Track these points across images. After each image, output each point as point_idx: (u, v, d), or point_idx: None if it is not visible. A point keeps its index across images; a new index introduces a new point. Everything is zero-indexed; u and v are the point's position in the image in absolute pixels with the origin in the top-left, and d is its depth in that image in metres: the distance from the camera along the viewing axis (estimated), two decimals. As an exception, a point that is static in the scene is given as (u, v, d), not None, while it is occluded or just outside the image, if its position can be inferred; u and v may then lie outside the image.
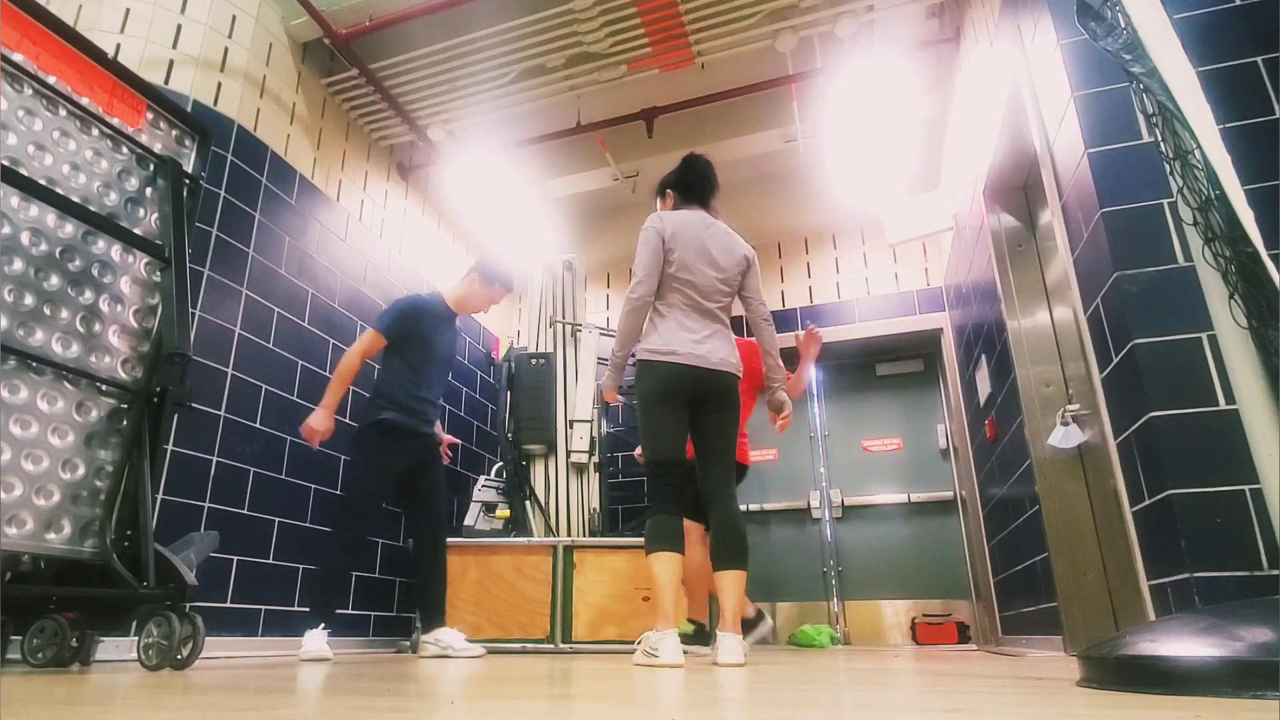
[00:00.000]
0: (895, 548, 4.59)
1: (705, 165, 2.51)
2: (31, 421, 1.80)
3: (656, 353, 2.25)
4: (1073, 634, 2.44)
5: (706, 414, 2.30)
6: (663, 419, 2.23)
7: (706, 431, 2.31)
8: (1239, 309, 1.27)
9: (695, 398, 2.27)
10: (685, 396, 2.25)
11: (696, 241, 2.33)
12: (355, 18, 3.26)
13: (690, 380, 2.24)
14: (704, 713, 0.88)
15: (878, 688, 1.25)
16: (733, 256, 2.38)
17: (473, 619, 3.21)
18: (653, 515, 2.19)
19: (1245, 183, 1.30)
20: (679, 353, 2.23)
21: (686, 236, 2.33)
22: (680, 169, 2.51)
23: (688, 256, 2.31)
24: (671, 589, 2.08)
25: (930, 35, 3.43)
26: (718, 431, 2.30)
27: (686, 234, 2.33)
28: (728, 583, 2.13)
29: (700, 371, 2.24)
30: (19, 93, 1.89)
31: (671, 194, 2.50)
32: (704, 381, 2.25)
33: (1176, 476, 1.56)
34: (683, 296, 2.30)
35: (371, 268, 3.82)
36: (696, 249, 2.32)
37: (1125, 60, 1.41)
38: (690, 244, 2.32)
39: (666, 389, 2.23)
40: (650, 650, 2.02)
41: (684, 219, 2.36)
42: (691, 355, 2.24)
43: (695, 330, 2.28)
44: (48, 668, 1.87)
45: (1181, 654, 1.02)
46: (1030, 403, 2.77)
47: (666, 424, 2.23)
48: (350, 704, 0.99)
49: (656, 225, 2.34)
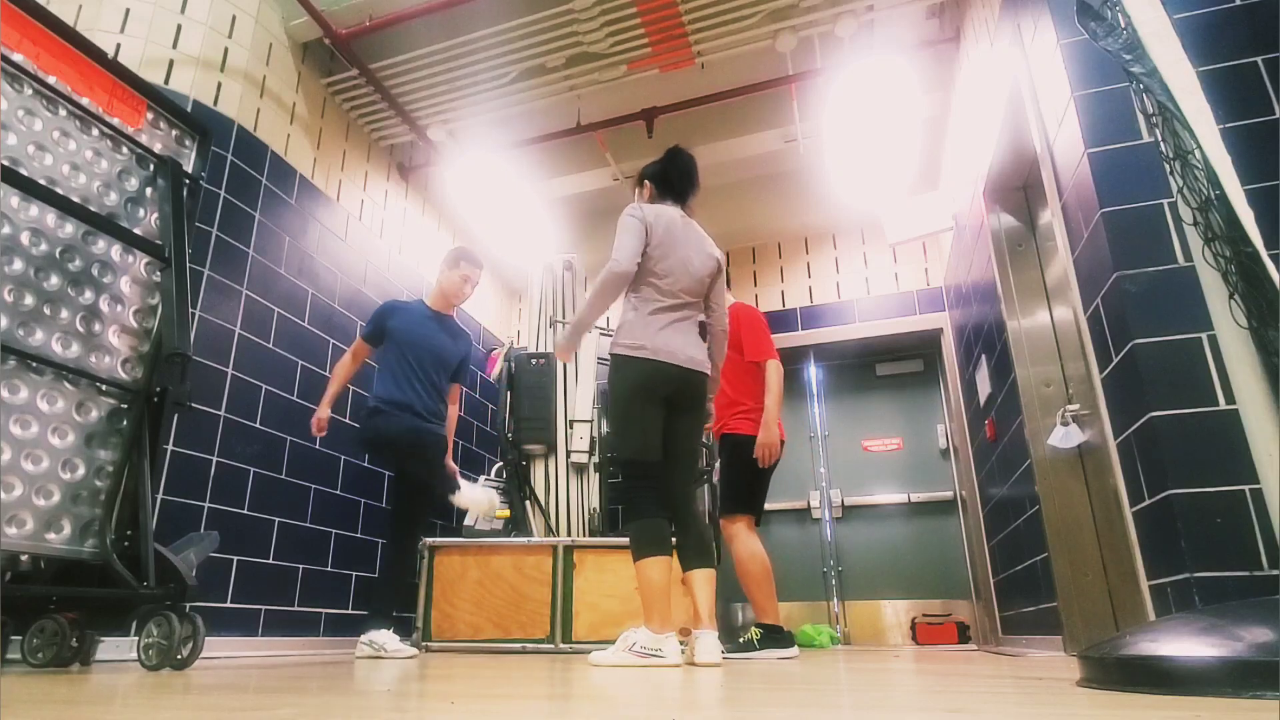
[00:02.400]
0: (895, 548, 4.59)
1: (688, 161, 2.45)
2: (31, 421, 1.80)
3: (639, 349, 2.19)
4: (1073, 634, 2.44)
5: (679, 414, 2.26)
6: (644, 417, 2.19)
7: (677, 433, 2.27)
8: (1239, 309, 1.27)
9: (670, 397, 2.23)
10: (663, 395, 2.21)
11: (676, 238, 2.29)
12: (355, 18, 3.26)
13: (668, 379, 2.20)
14: (704, 713, 0.88)
15: (878, 688, 1.25)
16: (708, 259, 2.35)
17: (473, 619, 3.20)
18: (636, 519, 2.14)
19: (1245, 183, 1.30)
20: (660, 350, 2.19)
21: (667, 231, 2.28)
22: (663, 162, 2.45)
23: (668, 252, 2.26)
24: (667, 593, 2.07)
25: (930, 35, 3.43)
26: (687, 432, 2.28)
27: (668, 229, 2.28)
28: (700, 582, 2.15)
29: (680, 370, 2.21)
30: (19, 93, 1.89)
31: (650, 186, 2.44)
32: (680, 381, 2.22)
33: (1176, 476, 1.56)
34: (660, 292, 2.25)
35: (371, 268, 3.82)
36: (676, 246, 2.28)
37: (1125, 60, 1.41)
38: (671, 240, 2.27)
39: (648, 386, 2.19)
40: (649, 650, 1.99)
41: (665, 213, 2.32)
42: (671, 354, 2.20)
43: (674, 328, 2.25)
44: (48, 668, 1.87)
45: (1181, 654, 1.02)
46: (1030, 403, 2.77)
47: (647, 423, 2.19)
48: (350, 704, 0.99)
49: (638, 214, 2.27)
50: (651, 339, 2.20)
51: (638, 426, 2.18)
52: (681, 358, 2.21)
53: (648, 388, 2.19)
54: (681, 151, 2.47)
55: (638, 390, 2.19)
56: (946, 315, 4.57)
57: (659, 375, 2.19)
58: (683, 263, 2.28)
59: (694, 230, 2.37)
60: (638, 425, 2.18)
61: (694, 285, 2.30)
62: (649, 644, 1.99)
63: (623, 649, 2.02)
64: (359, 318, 3.64)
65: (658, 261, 2.25)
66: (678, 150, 2.47)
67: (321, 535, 3.22)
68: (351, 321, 3.59)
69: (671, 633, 2.01)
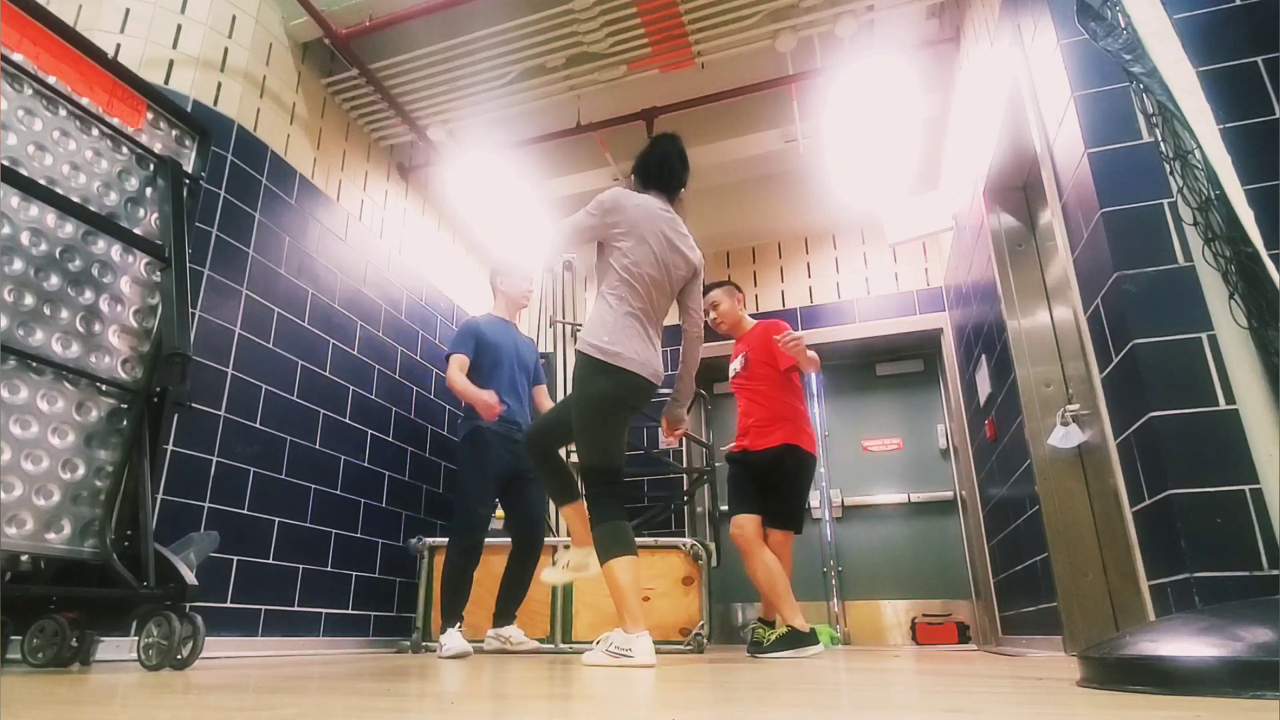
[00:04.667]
0: (895, 548, 4.59)
1: (665, 149, 2.32)
2: (31, 421, 1.80)
3: (615, 357, 2.13)
4: (1073, 634, 2.44)
5: None
6: (615, 426, 2.17)
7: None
8: (1239, 309, 1.27)
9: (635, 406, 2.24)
10: (631, 405, 2.22)
11: (649, 229, 2.19)
12: (355, 18, 3.26)
13: (638, 390, 2.19)
14: (704, 712, 0.88)
15: (878, 688, 1.25)
16: (685, 260, 2.28)
17: (473, 619, 3.19)
18: (604, 521, 2.12)
19: (1245, 183, 1.30)
20: (634, 361, 2.15)
21: (642, 219, 2.18)
22: (644, 149, 2.35)
23: (645, 249, 2.18)
24: (637, 591, 2.06)
25: (930, 35, 3.43)
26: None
27: (642, 217, 2.19)
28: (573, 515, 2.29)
29: (649, 385, 2.21)
30: (19, 93, 1.89)
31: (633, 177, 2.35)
32: (646, 393, 2.23)
33: (1176, 476, 1.56)
34: (637, 297, 2.19)
35: (371, 268, 3.82)
36: (654, 241, 2.19)
37: (1125, 60, 1.41)
38: (649, 234, 2.18)
39: (623, 397, 2.17)
40: (621, 650, 1.98)
41: (645, 203, 2.22)
42: (643, 364, 2.17)
43: (650, 339, 2.22)
44: (48, 668, 1.87)
45: (1181, 654, 1.02)
46: (1030, 403, 2.77)
47: (617, 431, 2.19)
48: (350, 704, 0.99)
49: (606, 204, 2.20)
50: (627, 345, 2.15)
51: (607, 435, 2.17)
52: (649, 371, 2.20)
53: (621, 399, 2.17)
54: (662, 138, 2.35)
55: (611, 399, 2.16)
56: (946, 315, 4.57)
57: (631, 387, 2.16)
58: (661, 263, 2.21)
59: (676, 227, 2.27)
60: (607, 433, 2.17)
61: (669, 289, 2.26)
62: (622, 644, 1.99)
63: (601, 650, 2.03)
64: (359, 318, 3.64)
65: (635, 261, 2.17)
66: (659, 137, 2.36)
67: (321, 535, 3.22)
68: (352, 321, 3.59)
69: (643, 632, 2.00)
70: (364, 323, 3.68)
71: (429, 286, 4.37)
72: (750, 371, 3.06)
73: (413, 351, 4.10)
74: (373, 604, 3.53)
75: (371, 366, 3.72)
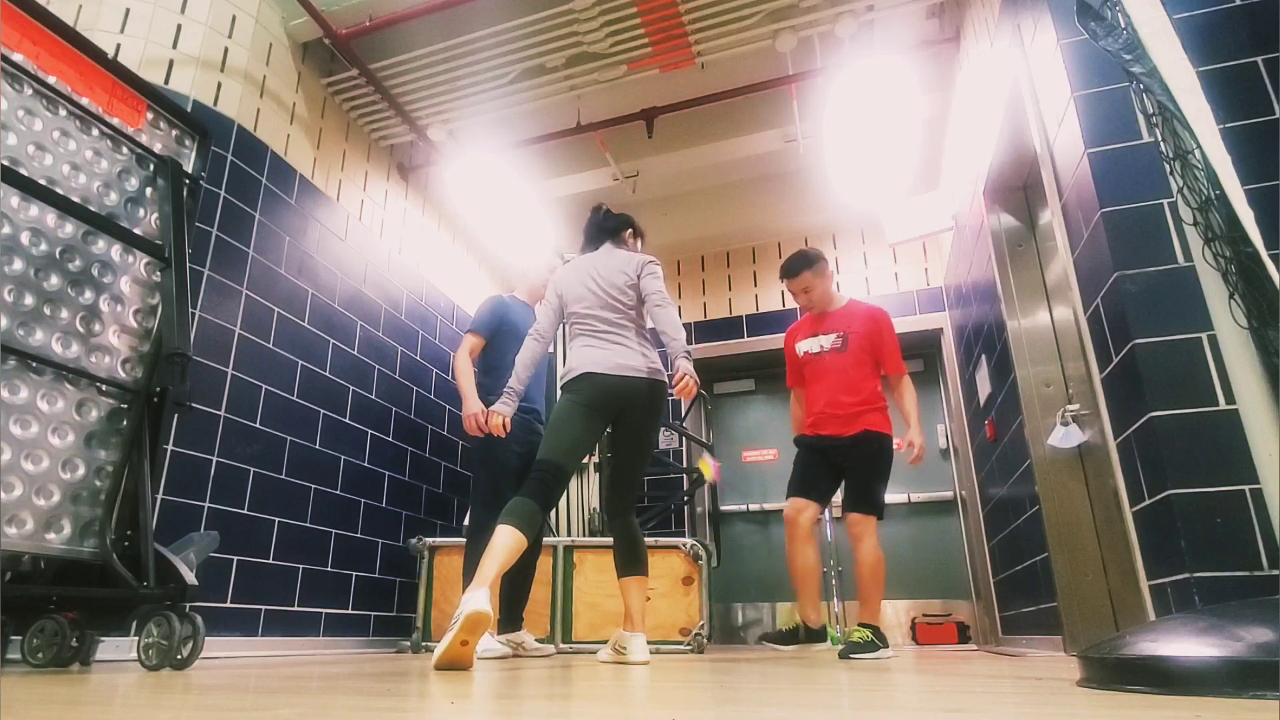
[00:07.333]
0: (895, 548, 4.58)
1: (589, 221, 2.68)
2: (31, 421, 1.80)
3: (569, 373, 2.41)
4: (1073, 634, 2.44)
5: (621, 423, 2.40)
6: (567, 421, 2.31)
7: (619, 439, 2.43)
8: (1239, 309, 1.27)
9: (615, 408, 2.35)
10: (598, 405, 2.32)
11: (584, 274, 2.50)
12: (355, 18, 3.26)
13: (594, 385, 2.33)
14: (704, 712, 0.88)
15: (878, 687, 1.25)
16: (623, 272, 2.47)
17: (473, 619, 3.20)
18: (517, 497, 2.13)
19: (1245, 183, 1.30)
20: (589, 362, 2.36)
21: (575, 276, 2.52)
22: None
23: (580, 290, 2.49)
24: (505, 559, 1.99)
25: (930, 35, 3.43)
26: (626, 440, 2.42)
27: (574, 274, 2.53)
28: (633, 588, 2.36)
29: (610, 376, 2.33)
30: (19, 93, 1.89)
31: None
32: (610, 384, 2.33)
33: (1176, 476, 1.56)
34: (584, 325, 2.46)
35: (371, 268, 3.82)
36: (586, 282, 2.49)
37: (1125, 60, 1.41)
38: (580, 281, 2.50)
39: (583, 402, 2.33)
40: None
41: (577, 262, 2.58)
42: (600, 364, 2.35)
43: (604, 342, 2.41)
44: (48, 668, 1.87)
45: (1181, 654, 1.02)
46: (1030, 403, 2.77)
47: (567, 426, 2.30)
48: (350, 704, 0.99)
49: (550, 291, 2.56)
50: (575, 357, 2.41)
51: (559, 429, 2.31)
52: (608, 365, 2.35)
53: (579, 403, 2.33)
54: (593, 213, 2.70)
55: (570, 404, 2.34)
56: (946, 315, 4.57)
57: (588, 387, 2.33)
58: (589, 292, 2.46)
59: (606, 257, 2.53)
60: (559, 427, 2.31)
61: (605, 297, 2.45)
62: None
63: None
64: (359, 318, 3.64)
65: (571, 306, 2.50)
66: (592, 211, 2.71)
67: (321, 535, 3.22)
68: (352, 321, 3.59)
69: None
70: (364, 323, 3.68)
71: (429, 286, 4.37)
72: (850, 352, 2.98)
73: (413, 351, 4.10)
74: (373, 604, 3.53)
75: (371, 366, 3.72)
